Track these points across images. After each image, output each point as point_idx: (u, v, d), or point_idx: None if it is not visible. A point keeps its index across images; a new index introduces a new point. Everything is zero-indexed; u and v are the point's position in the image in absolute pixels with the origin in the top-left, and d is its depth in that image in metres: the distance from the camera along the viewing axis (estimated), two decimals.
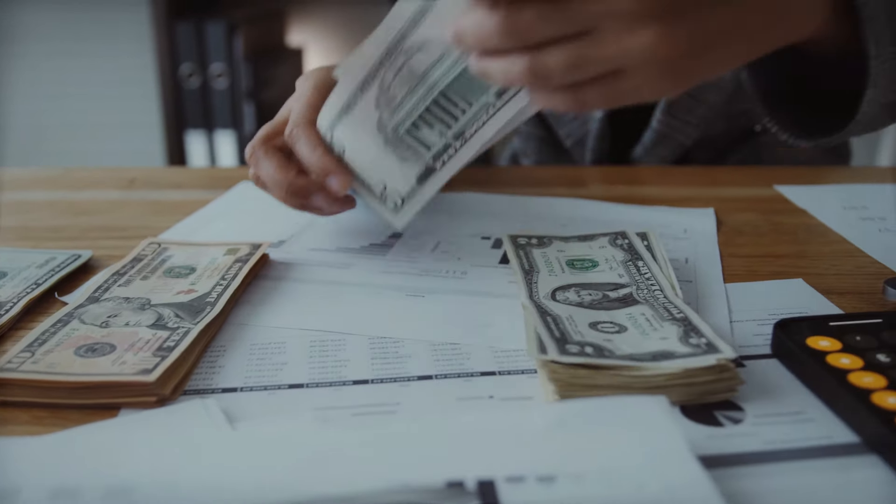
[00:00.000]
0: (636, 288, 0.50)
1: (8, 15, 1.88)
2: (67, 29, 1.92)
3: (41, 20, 1.91)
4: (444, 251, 0.60)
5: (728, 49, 0.40)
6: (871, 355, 0.42)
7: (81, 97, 1.98)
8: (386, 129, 0.53)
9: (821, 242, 0.62)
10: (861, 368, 0.41)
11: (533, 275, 0.52)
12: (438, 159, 0.53)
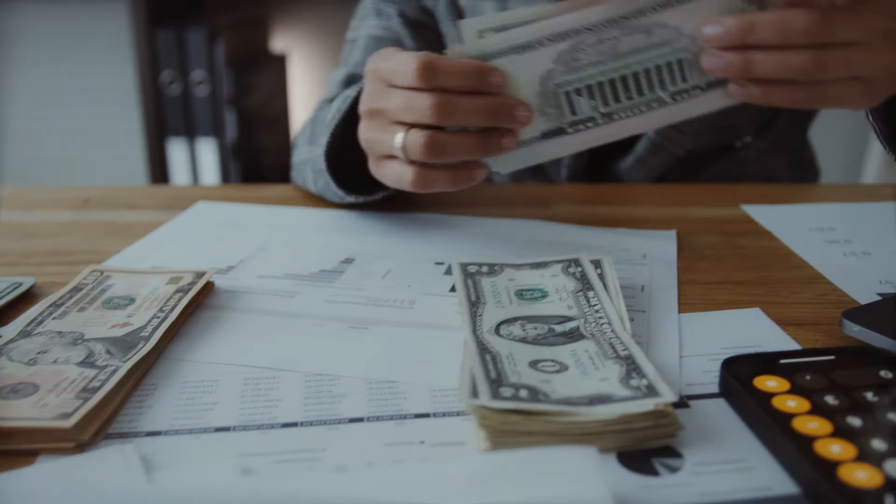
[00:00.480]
0: (584, 321, 0.48)
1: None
2: (47, 36, 1.90)
3: (21, 27, 1.90)
4: (395, 278, 0.58)
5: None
6: (820, 397, 0.40)
7: (62, 104, 1.96)
8: (549, 82, 0.55)
9: (782, 267, 0.60)
10: (807, 412, 0.39)
11: (479, 307, 0.50)
12: (574, 126, 0.57)
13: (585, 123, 0.57)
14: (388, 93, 0.56)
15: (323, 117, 0.74)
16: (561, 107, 0.56)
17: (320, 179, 0.70)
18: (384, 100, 0.56)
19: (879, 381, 0.42)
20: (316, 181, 0.72)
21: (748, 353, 0.44)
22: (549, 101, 0.56)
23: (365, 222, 0.69)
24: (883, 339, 0.47)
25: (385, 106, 0.56)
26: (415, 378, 0.45)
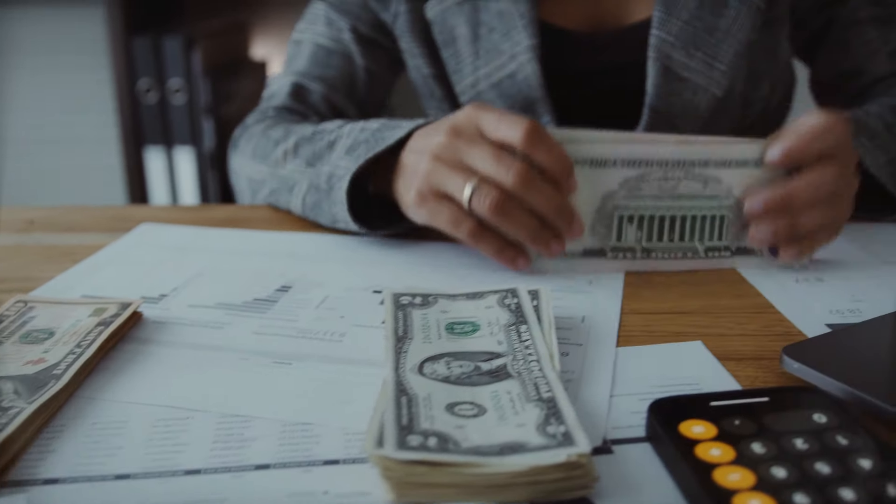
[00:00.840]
0: (512, 358, 0.46)
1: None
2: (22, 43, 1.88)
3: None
4: (330, 308, 0.56)
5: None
6: (746, 445, 0.39)
7: (37, 112, 1.95)
8: (609, 202, 0.60)
9: (731, 295, 0.58)
10: (731, 462, 0.37)
11: (405, 342, 0.48)
12: (615, 251, 0.61)
13: (625, 252, 0.61)
14: (477, 139, 0.58)
15: (320, 136, 0.72)
16: (611, 228, 0.60)
17: (323, 200, 0.68)
18: (468, 144, 0.58)
19: (811, 427, 0.40)
20: (311, 199, 0.70)
21: (676, 395, 0.43)
22: (603, 220, 0.60)
23: (310, 246, 0.68)
24: (822, 379, 0.45)
25: (468, 149, 0.58)
26: (331, 420, 0.43)
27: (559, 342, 0.51)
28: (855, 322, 0.54)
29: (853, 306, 0.56)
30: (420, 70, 0.87)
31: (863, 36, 0.86)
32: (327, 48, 0.87)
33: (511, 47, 0.81)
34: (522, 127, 0.56)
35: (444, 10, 0.83)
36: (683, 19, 0.80)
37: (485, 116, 0.58)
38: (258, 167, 0.78)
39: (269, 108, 0.87)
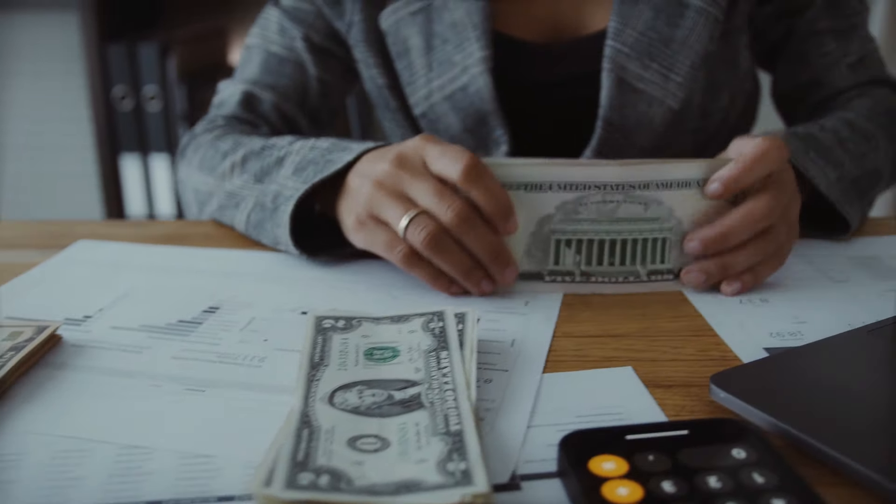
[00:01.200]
0: (428, 386, 0.45)
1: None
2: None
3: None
4: (254, 330, 0.55)
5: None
6: (657, 483, 0.37)
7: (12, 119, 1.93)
8: (545, 226, 0.58)
9: (671, 317, 0.56)
10: (637, 503, 0.36)
11: (319, 370, 0.46)
12: (552, 275, 0.60)
13: (563, 276, 0.59)
14: (420, 172, 0.57)
15: (269, 152, 0.71)
16: (548, 252, 0.59)
17: (267, 220, 0.67)
18: (412, 175, 0.57)
19: (729, 463, 0.38)
20: (255, 217, 0.68)
21: (590, 429, 0.41)
22: (539, 245, 0.59)
23: (247, 264, 0.66)
24: (749, 410, 0.43)
25: (410, 181, 0.57)
26: (235, 452, 0.41)
27: (485, 368, 0.49)
28: (794, 346, 0.52)
29: (795, 328, 0.55)
30: (374, 80, 0.86)
31: (821, 48, 0.85)
32: (279, 56, 0.86)
33: (463, 59, 0.79)
34: (462, 164, 0.55)
35: (398, 21, 0.82)
36: (639, 30, 0.78)
37: (429, 149, 0.57)
38: (205, 179, 0.76)
39: (218, 116, 0.85)
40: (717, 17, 0.78)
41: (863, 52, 0.86)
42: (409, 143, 0.59)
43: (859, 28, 0.86)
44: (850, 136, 0.73)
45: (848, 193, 0.69)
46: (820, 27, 0.85)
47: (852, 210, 0.68)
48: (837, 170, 0.68)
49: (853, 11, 0.86)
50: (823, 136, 0.71)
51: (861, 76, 0.85)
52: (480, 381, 0.48)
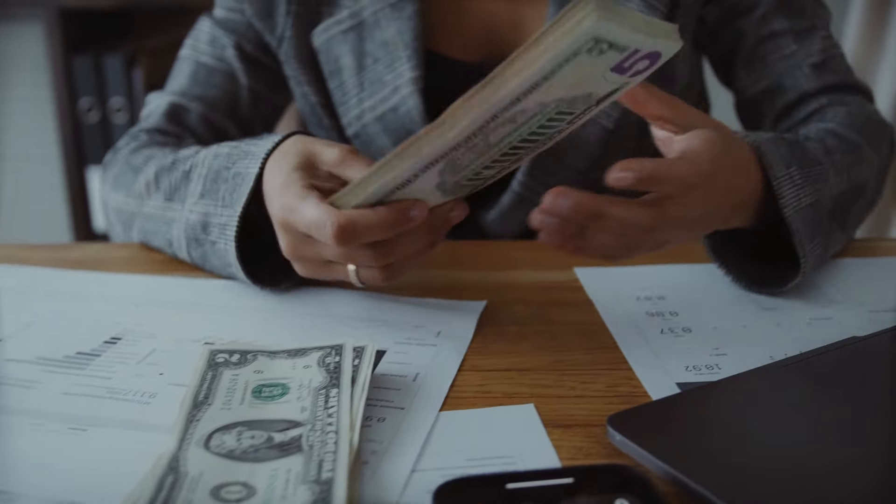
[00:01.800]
0: (311, 428, 0.43)
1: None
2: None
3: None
4: (152, 363, 0.53)
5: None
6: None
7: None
8: (445, 185, 0.52)
9: (586, 348, 0.55)
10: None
11: (201, 409, 0.45)
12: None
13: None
14: (314, 244, 0.54)
15: (177, 166, 0.68)
16: (463, 185, 0.53)
17: (210, 256, 0.64)
18: (312, 249, 0.55)
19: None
20: (196, 256, 0.66)
21: (468, 476, 0.39)
22: (453, 191, 0.53)
23: (159, 291, 0.64)
24: (643, 455, 0.42)
25: (317, 254, 0.55)
26: (105, 498, 0.40)
27: (381, 405, 0.47)
28: (707, 381, 0.50)
29: (714, 361, 0.53)
30: (307, 98, 0.83)
31: (781, 49, 0.80)
32: (209, 66, 0.83)
33: (394, 79, 0.78)
34: (330, 232, 0.50)
35: (330, 39, 0.80)
36: None
37: (298, 223, 0.53)
38: (123, 199, 0.73)
39: (140, 130, 0.82)
40: None
41: (827, 53, 0.80)
42: (277, 222, 0.56)
43: (821, 28, 0.81)
44: (837, 146, 0.68)
45: (815, 224, 0.61)
46: (776, 28, 0.80)
47: (811, 247, 0.60)
48: (817, 190, 0.61)
49: (814, 13, 0.81)
50: (810, 145, 0.65)
51: (827, 79, 0.79)
52: (373, 420, 0.46)
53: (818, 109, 0.78)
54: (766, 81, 0.81)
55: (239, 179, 0.61)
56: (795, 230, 0.59)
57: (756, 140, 0.60)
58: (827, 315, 0.60)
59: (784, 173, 0.59)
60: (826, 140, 0.68)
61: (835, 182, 0.64)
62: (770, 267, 0.64)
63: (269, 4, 0.81)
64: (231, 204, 0.61)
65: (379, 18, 0.78)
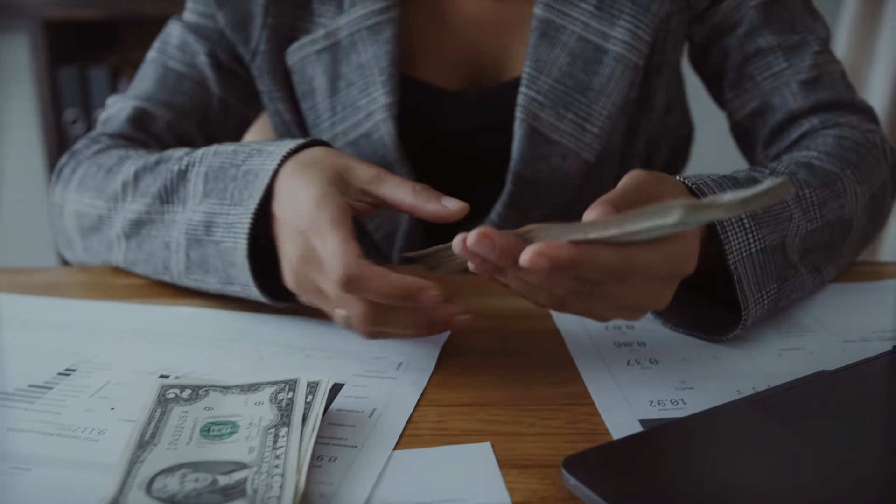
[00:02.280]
0: (257, 470, 0.42)
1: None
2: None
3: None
4: (105, 397, 0.52)
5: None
6: None
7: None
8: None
9: (549, 382, 0.53)
10: None
11: (146, 449, 0.43)
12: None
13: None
14: (321, 274, 0.52)
15: (166, 166, 0.64)
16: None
17: (211, 257, 0.61)
18: (317, 276, 0.53)
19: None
20: (196, 257, 0.62)
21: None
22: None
23: (120, 318, 0.63)
24: (596, 500, 0.40)
25: (318, 284, 0.53)
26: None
27: (334, 443, 0.46)
28: (673, 418, 0.49)
29: (679, 396, 0.52)
30: (281, 115, 0.82)
31: (770, 67, 0.76)
32: (178, 72, 0.80)
33: (368, 104, 0.76)
34: (337, 274, 0.49)
35: (304, 59, 0.78)
36: (554, 77, 0.75)
37: (317, 247, 0.52)
38: (90, 200, 0.69)
39: (101, 134, 0.77)
40: (637, 64, 0.75)
41: (819, 69, 0.76)
42: (303, 224, 0.53)
43: (813, 43, 0.76)
44: (808, 180, 0.63)
45: (767, 270, 0.57)
46: (762, 45, 0.76)
47: (759, 297, 0.56)
48: (775, 232, 0.57)
49: (805, 28, 0.77)
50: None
51: (818, 96, 0.75)
52: (324, 460, 0.45)
53: (809, 132, 0.75)
54: (755, 102, 0.78)
55: (251, 177, 0.58)
56: (739, 279, 0.55)
57: (697, 182, 0.56)
58: (798, 346, 0.59)
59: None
60: (797, 174, 0.63)
61: (802, 221, 0.60)
62: (713, 309, 0.60)
63: (244, 15, 0.78)
64: (241, 202, 0.58)
65: (355, 41, 0.77)
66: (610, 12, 0.75)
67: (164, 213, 0.63)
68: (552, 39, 0.75)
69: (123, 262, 0.68)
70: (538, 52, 0.75)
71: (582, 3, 0.75)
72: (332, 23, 0.77)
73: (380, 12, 0.76)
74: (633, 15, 0.75)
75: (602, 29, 0.75)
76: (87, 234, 0.70)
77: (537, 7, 0.75)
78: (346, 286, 0.49)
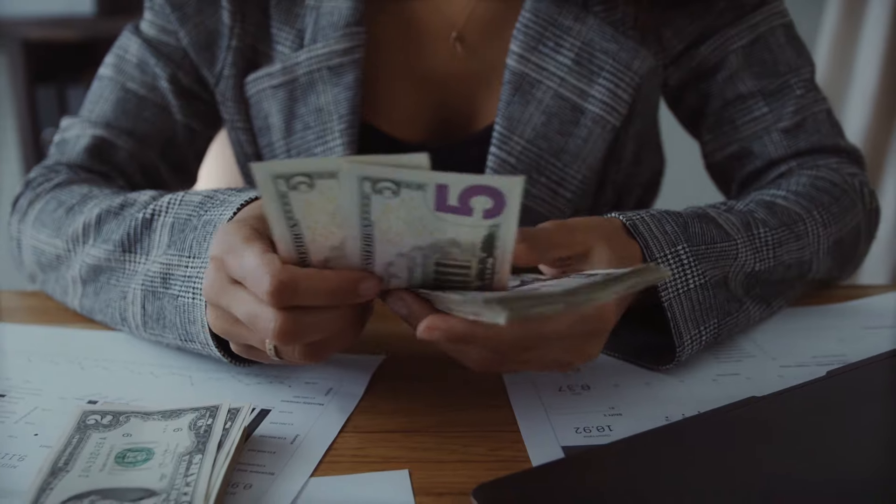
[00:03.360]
0: (165, 498, 0.41)
1: None
2: None
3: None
4: (30, 422, 0.52)
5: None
6: None
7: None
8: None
9: (480, 407, 0.53)
10: None
11: (59, 476, 0.43)
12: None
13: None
14: (233, 293, 0.47)
15: (130, 211, 0.60)
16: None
17: (167, 311, 0.56)
18: (228, 299, 0.47)
19: None
20: (152, 311, 0.58)
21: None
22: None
23: (57, 344, 0.63)
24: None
25: (229, 306, 0.47)
26: None
27: (251, 470, 0.46)
28: (594, 445, 0.49)
29: (606, 422, 0.52)
30: (242, 146, 0.79)
31: (750, 112, 0.75)
32: (139, 96, 0.75)
33: (323, 152, 0.72)
34: (266, 287, 0.43)
35: (260, 93, 0.74)
36: (527, 138, 0.71)
37: (231, 266, 0.47)
38: (48, 239, 0.66)
39: (60, 165, 0.73)
40: (615, 126, 0.72)
41: (802, 114, 0.74)
42: (210, 255, 0.49)
43: (795, 87, 0.75)
44: (766, 219, 0.62)
45: (707, 305, 0.56)
46: (744, 89, 0.75)
47: (696, 332, 0.56)
48: (717, 268, 0.57)
49: (788, 68, 0.75)
50: (724, 219, 0.60)
51: (799, 144, 0.74)
52: (239, 487, 0.45)
53: (785, 173, 0.74)
54: (734, 147, 0.76)
55: (210, 227, 0.55)
56: (673, 316, 0.54)
57: (632, 218, 0.55)
58: (735, 371, 0.59)
59: (666, 253, 0.55)
60: (755, 213, 0.63)
61: (750, 259, 0.60)
62: (653, 336, 0.59)
63: (208, 35, 0.74)
64: (199, 254, 0.54)
65: (315, 80, 0.73)
66: (589, 68, 0.71)
67: (125, 261, 0.60)
68: (526, 95, 0.71)
69: (80, 308, 0.65)
70: (511, 108, 0.71)
71: (559, 56, 0.71)
72: (290, 54, 0.73)
73: (343, 53, 0.72)
74: (614, 73, 0.71)
75: (580, 86, 0.71)
76: (46, 270, 0.68)
77: (510, 59, 0.71)
78: (279, 296, 0.43)
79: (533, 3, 0.71)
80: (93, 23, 1.66)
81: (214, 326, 0.51)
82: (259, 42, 0.75)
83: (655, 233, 0.55)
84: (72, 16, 1.65)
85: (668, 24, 0.73)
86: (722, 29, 0.74)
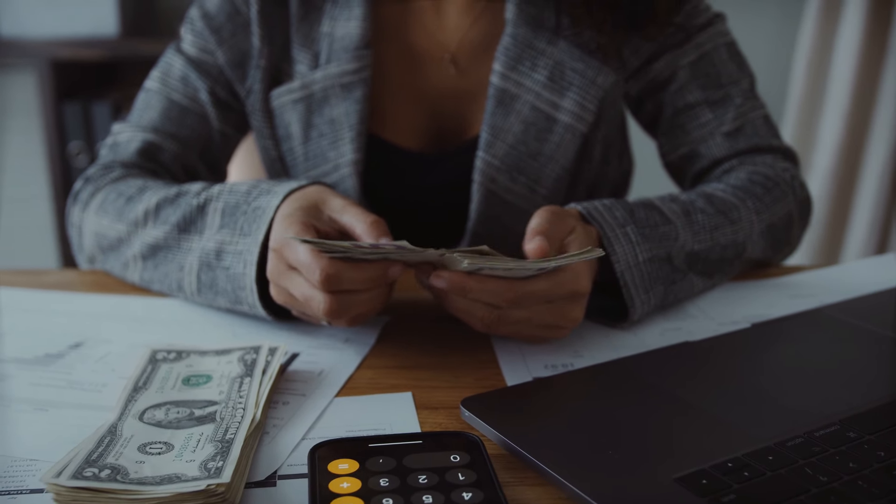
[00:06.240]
0: (225, 405, 0.54)
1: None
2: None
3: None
4: (108, 362, 0.64)
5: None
6: (376, 480, 0.46)
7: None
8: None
9: (468, 351, 0.66)
10: (351, 493, 0.45)
11: (140, 392, 0.56)
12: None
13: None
14: (291, 277, 0.62)
15: (185, 199, 0.73)
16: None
17: (220, 280, 0.70)
18: (287, 281, 0.62)
19: (442, 465, 0.48)
20: (206, 279, 0.71)
21: (340, 438, 0.50)
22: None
23: (118, 307, 0.75)
24: (484, 426, 0.53)
25: (288, 287, 0.62)
26: (57, 457, 0.50)
27: (287, 392, 0.59)
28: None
29: (570, 361, 0.64)
30: (268, 152, 0.91)
31: (697, 119, 0.88)
32: (182, 106, 0.87)
33: (336, 157, 0.85)
34: (317, 276, 0.58)
35: (283, 106, 0.87)
36: (509, 143, 0.83)
37: (288, 256, 0.61)
38: (111, 224, 0.77)
39: (114, 162, 0.85)
40: (583, 132, 0.84)
41: (741, 119, 0.87)
42: (271, 246, 0.64)
43: (735, 96, 0.87)
44: (704, 208, 0.75)
45: (654, 275, 0.69)
46: (692, 100, 0.87)
47: (646, 297, 0.69)
48: (659, 247, 0.70)
49: (729, 80, 0.87)
50: (667, 207, 0.73)
51: (740, 144, 0.86)
52: (279, 404, 0.57)
53: (728, 170, 0.87)
54: (684, 149, 0.89)
55: (259, 212, 0.67)
56: (625, 283, 0.68)
57: (587, 207, 0.69)
58: (678, 327, 0.71)
59: (616, 233, 0.68)
60: (695, 202, 0.76)
61: (689, 240, 0.73)
62: (614, 300, 0.71)
63: (241, 54, 0.86)
64: (250, 233, 0.67)
65: (329, 95, 0.84)
66: (560, 83, 0.83)
67: (180, 240, 0.72)
68: (507, 107, 0.83)
69: (139, 280, 0.77)
70: (495, 119, 0.83)
71: (535, 75, 0.83)
72: (308, 73, 0.86)
73: (353, 72, 0.84)
74: (581, 87, 0.83)
75: (553, 99, 0.83)
76: (107, 251, 0.80)
77: (494, 77, 0.83)
78: (328, 284, 0.58)
79: (513, 29, 0.84)
80: (117, 43, 1.79)
81: (277, 298, 0.65)
82: (282, 62, 0.88)
83: (607, 218, 0.69)
84: (97, 37, 1.79)
85: (626, 44, 0.86)
86: (672, 48, 0.87)
